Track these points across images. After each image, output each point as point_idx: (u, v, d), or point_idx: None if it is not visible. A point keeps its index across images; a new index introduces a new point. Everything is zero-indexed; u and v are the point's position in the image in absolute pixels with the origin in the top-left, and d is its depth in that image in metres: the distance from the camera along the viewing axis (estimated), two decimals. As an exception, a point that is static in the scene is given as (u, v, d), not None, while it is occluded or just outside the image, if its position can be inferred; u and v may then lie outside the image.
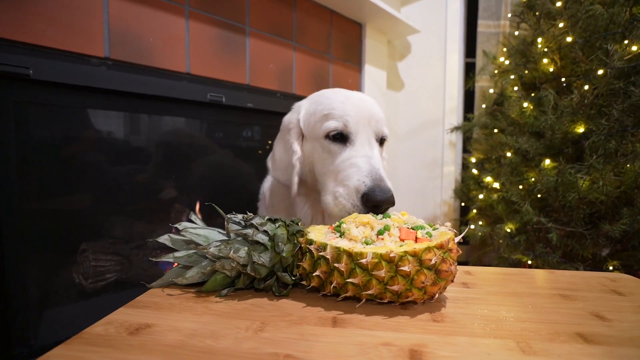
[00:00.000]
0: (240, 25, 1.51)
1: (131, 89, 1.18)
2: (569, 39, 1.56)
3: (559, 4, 1.65)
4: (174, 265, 0.53)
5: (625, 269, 1.40)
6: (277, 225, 0.52)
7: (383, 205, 0.73)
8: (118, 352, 0.35)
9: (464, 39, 2.67)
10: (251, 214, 0.56)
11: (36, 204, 1.03)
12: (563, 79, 1.65)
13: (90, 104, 1.13)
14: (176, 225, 0.53)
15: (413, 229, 0.50)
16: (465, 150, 2.63)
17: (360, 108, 0.85)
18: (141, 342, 0.37)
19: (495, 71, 2.17)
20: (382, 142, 0.92)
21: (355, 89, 2.21)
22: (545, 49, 1.69)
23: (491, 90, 2.22)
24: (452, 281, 0.49)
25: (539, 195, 1.58)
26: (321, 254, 0.47)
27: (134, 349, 0.36)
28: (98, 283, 1.17)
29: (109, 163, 1.20)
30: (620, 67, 1.36)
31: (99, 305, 1.17)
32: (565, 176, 1.42)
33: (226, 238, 0.52)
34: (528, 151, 1.66)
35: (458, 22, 2.60)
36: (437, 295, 0.48)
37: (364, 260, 0.44)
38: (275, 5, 1.65)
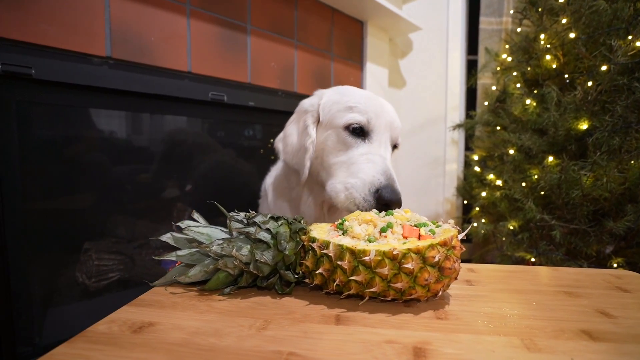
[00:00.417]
0: (242, 23, 1.51)
1: (133, 88, 1.18)
2: (572, 35, 1.54)
3: (561, 0, 1.64)
4: (177, 264, 0.53)
5: (630, 266, 1.39)
6: (280, 223, 0.52)
7: (392, 206, 0.73)
8: (121, 351, 0.35)
9: (466, 36, 2.65)
10: (253, 212, 0.56)
11: (39, 204, 1.04)
12: (566, 76, 1.64)
13: (92, 104, 1.13)
14: (179, 223, 0.53)
15: (416, 227, 0.49)
16: (468, 147, 2.62)
17: (384, 111, 0.87)
18: (144, 341, 0.37)
19: (498, 68, 2.16)
20: (393, 149, 0.94)
21: (357, 87, 2.20)
22: (548, 46, 1.68)
23: (493, 88, 2.21)
24: (456, 279, 0.49)
25: (542, 193, 1.57)
26: (324, 251, 0.47)
27: (137, 347, 0.36)
28: (101, 282, 1.18)
29: (111, 162, 1.20)
30: (624, 63, 1.34)
31: (102, 304, 1.17)
32: (568, 173, 1.41)
33: (229, 236, 0.52)
34: (531, 148, 1.65)
35: (460, 19, 2.59)
36: (441, 293, 0.48)
37: (367, 258, 0.44)
38: (276, 3, 1.64)
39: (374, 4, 1.97)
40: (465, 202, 2.53)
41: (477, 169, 2.20)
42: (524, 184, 1.67)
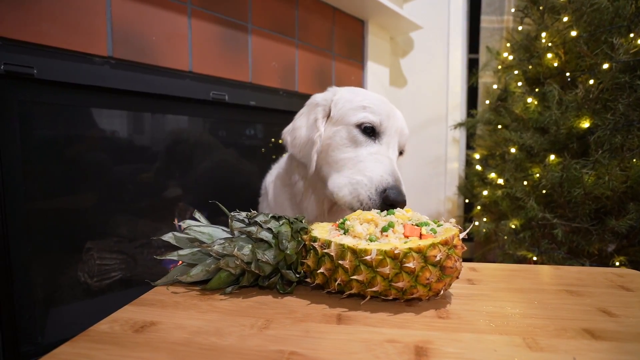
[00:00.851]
0: (243, 23, 1.51)
1: (134, 88, 1.18)
2: (574, 33, 1.54)
3: (563, -2, 1.63)
4: (179, 263, 0.53)
5: (632, 264, 1.39)
6: (281, 222, 0.52)
7: (397, 207, 0.73)
8: (123, 350, 0.35)
9: (467, 35, 2.65)
10: (255, 212, 0.56)
11: (41, 203, 1.04)
12: (567, 74, 1.64)
13: (94, 103, 1.14)
14: (180, 223, 0.53)
15: (417, 226, 0.49)
16: (469, 146, 2.62)
17: (396, 117, 0.89)
18: (146, 340, 0.37)
19: (499, 67, 2.15)
20: (399, 155, 0.95)
21: (358, 86, 2.19)
22: (550, 44, 1.68)
23: (495, 86, 2.21)
24: (457, 278, 0.49)
25: (543, 191, 1.57)
26: (325, 251, 0.47)
27: (139, 346, 0.36)
28: (103, 281, 1.18)
29: (113, 162, 1.20)
30: (625, 61, 1.34)
31: (104, 304, 1.17)
32: (570, 171, 1.41)
33: (230, 236, 0.52)
34: (532, 147, 1.65)
35: (461, 18, 2.58)
36: (442, 292, 0.48)
37: (368, 257, 0.44)
38: (277, 2, 1.64)
39: (375, 3, 1.96)
40: (466, 201, 2.53)
41: (479, 167, 2.20)
42: (525, 183, 1.67)
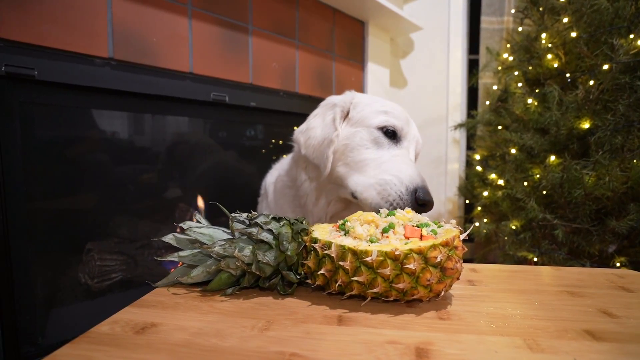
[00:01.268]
0: (243, 24, 1.51)
1: (135, 89, 1.18)
2: (574, 34, 1.54)
3: (563, -2, 1.63)
4: (179, 265, 0.53)
5: (633, 265, 1.38)
6: (282, 223, 0.52)
7: (427, 208, 0.74)
8: (124, 351, 0.35)
9: (467, 36, 2.65)
10: (255, 213, 0.56)
11: (42, 204, 1.04)
12: (568, 75, 1.64)
13: (95, 104, 1.14)
14: (181, 224, 0.53)
15: (418, 227, 0.49)
16: (469, 147, 2.62)
17: (412, 125, 0.91)
18: (147, 341, 0.37)
19: (499, 67, 2.15)
20: None
21: (359, 87, 2.21)
22: (550, 45, 1.68)
23: (495, 87, 2.21)
24: (458, 279, 0.49)
25: (544, 192, 1.57)
26: (326, 252, 0.47)
27: (140, 347, 0.36)
28: (104, 282, 1.18)
29: (114, 163, 1.20)
30: (625, 62, 1.34)
31: (105, 305, 1.17)
32: (570, 172, 1.41)
33: (231, 237, 0.52)
34: (533, 148, 1.65)
35: (461, 19, 2.59)
36: (443, 293, 0.48)
37: (369, 259, 0.44)
38: (277, 4, 1.65)
39: (375, 4, 1.96)
40: (467, 202, 2.53)
41: (479, 168, 2.20)
42: (525, 184, 1.67)
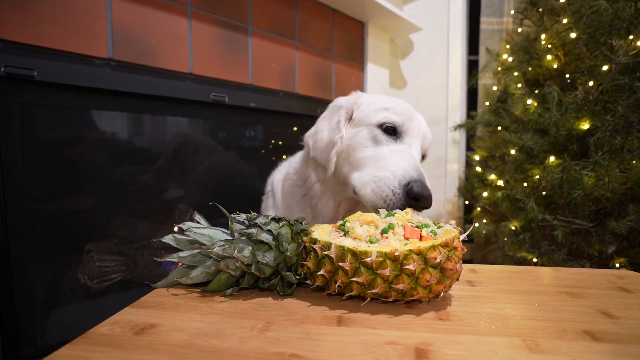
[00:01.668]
0: (243, 25, 1.51)
1: (134, 90, 1.18)
2: (573, 35, 1.54)
3: (562, 0, 1.63)
4: (179, 265, 0.53)
5: (632, 266, 1.38)
6: (281, 224, 0.52)
7: (422, 202, 0.71)
8: (124, 352, 0.35)
9: (467, 36, 2.65)
10: (255, 214, 0.56)
11: (42, 205, 1.04)
12: (567, 75, 1.64)
13: (94, 105, 1.14)
14: (180, 225, 0.53)
15: (417, 227, 0.49)
16: (469, 148, 2.62)
17: (418, 120, 0.89)
18: (147, 342, 0.37)
19: (499, 68, 2.15)
20: (422, 159, 0.93)
21: (358, 88, 2.21)
22: (549, 46, 1.68)
23: (494, 88, 2.21)
24: (458, 279, 0.49)
25: (543, 193, 1.57)
26: (325, 253, 0.47)
27: (139, 348, 0.36)
28: (103, 283, 1.18)
29: (113, 163, 1.20)
30: (625, 63, 1.34)
31: (104, 305, 1.17)
32: (570, 173, 1.41)
33: (230, 238, 0.52)
34: (532, 148, 1.65)
35: (460, 20, 2.59)
36: (443, 294, 0.48)
37: (368, 259, 0.44)
38: (277, 4, 1.65)
39: (374, 4, 1.97)
40: (466, 203, 2.53)
41: (479, 169, 2.20)
42: (525, 184, 1.67)
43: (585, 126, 1.44)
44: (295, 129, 1.83)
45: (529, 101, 1.69)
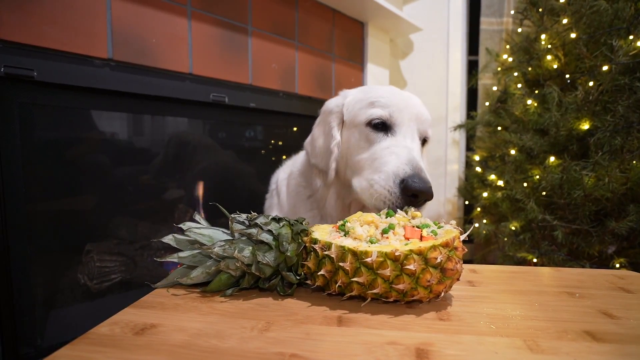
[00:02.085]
0: (243, 25, 1.51)
1: (134, 90, 1.18)
2: (573, 35, 1.54)
3: (562, 0, 1.64)
4: (179, 266, 0.53)
5: (633, 266, 1.38)
6: (282, 224, 0.52)
7: (421, 197, 0.70)
8: (124, 352, 0.35)
9: (467, 37, 2.65)
10: (255, 214, 0.55)
11: (41, 205, 1.04)
12: (567, 76, 1.64)
13: (94, 105, 1.14)
14: (180, 225, 0.53)
15: (418, 227, 0.49)
16: (469, 148, 2.62)
17: (408, 104, 0.84)
18: (147, 342, 0.37)
19: (499, 68, 2.15)
20: (423, 144, 0.90)
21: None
22: (549, 46, 1.68)
23: (494, 88, 2.21)
24: (458, 280, 0.49)
25: (543, 193, 1.57)
26: (326, 253, 0.47)
27: (139, 349, 0.36)
28: (103, 283, 1.18)
29: (113, 164, 1.20)
30: (625, 63, 1.34)
31: (104, 306, 1.17)
32: (570, 173, 1.41)
33: (230, 238, 0.52)
34: (532, 148, 1.65)
35: (460, 20, 2.59)
36: (443, 294, 0.48)
37: (369, 259, 0.44)
38: (277, 4, 1.65)
39: (374, 5, 1.97)
40: (466, 203, 2.53)
41: (479, 169, 2.20)
42: (525, 185, 1.67)
43: (585, 126, 1.44)
44: (295, 129, 1.83)
45: (529, 101, 1.69)
